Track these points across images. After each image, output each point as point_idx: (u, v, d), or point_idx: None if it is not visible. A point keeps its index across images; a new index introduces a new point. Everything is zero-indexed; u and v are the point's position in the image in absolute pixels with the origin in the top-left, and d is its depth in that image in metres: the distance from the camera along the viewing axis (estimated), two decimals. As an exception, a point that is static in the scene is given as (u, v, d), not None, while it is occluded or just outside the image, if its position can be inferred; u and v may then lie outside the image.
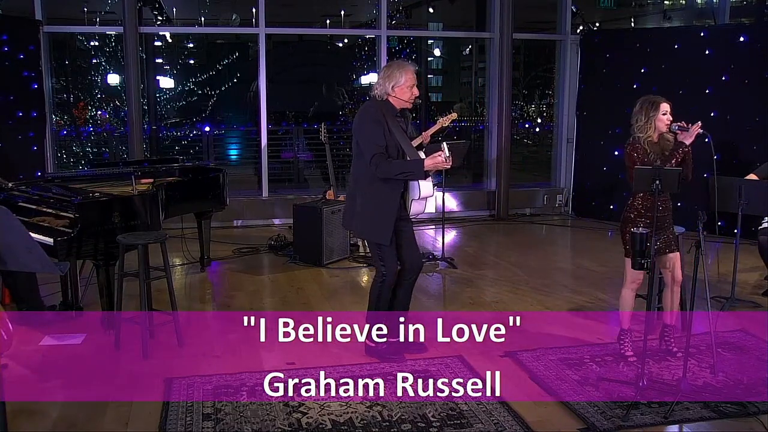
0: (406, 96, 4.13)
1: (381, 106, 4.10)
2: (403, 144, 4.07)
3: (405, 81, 4.10)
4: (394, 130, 4.05)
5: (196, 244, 6.43)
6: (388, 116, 4.07)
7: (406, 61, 4.24)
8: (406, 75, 4.10)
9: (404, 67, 4.12)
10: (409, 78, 4.10)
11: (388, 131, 4.04)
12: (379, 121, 4.04)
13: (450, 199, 9.00)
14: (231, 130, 12.01)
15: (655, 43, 8.40)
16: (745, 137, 7.60)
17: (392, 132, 4.04)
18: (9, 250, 2.70)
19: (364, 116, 4.11)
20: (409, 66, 4.15)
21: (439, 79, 20.89)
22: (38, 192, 4.91)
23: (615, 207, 8.46)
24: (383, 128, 4.03)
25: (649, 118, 4.11)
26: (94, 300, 4.91)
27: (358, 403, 3.62)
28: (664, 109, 4.11)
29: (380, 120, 4.04)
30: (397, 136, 4.05)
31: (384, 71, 4.18)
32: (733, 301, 5.33)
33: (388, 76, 4.10)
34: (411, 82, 4.12)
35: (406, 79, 4.10)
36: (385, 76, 4.13)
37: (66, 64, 11.82)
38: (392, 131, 4.04)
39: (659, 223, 4.03)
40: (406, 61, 4.24)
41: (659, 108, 4.10)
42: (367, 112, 4.13)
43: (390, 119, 4.07)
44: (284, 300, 5.55)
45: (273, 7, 8.72)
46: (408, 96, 4.14)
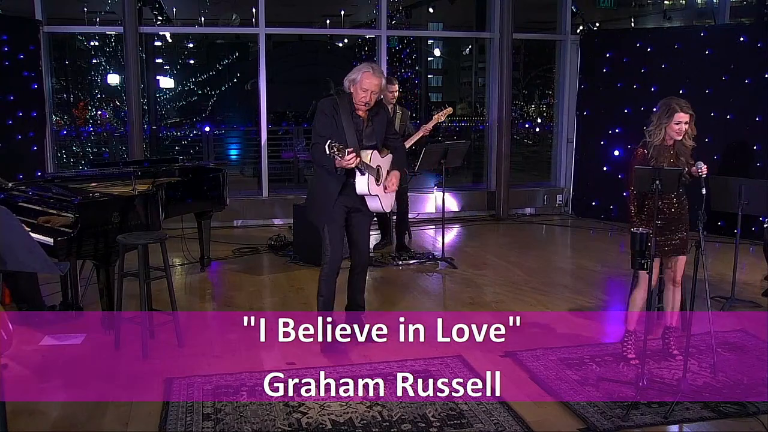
0: (357, 97, 4.16)
1: (343, 99, 4.20)
2: (349, 140, 4.14)
3: (360, 81, 4.12)
4: (344, 124, 4.15)
5: (196, 244, 6.43)
6: (343, 110, 4.17)
7: (376, 68, 4.19)
8: (362, 76, 4.12)
9: (364, 70, 4.13)
10: (363, 80, 4.11)
11: (335, 124, 4.15)
12: (326, 113, 4.18)
13: (450, 199, 9.00)
14: (231, 130, 12.01)
15: (655, 43, 8.39)
16: (745, 137, 7.60)
17: (338, 125, 4.15)
18: (9, 250, 2.70)
19: (319, 106, 4.26)
20: (370, 71, 4.13)
21: (439, 79, 20.88)
22: (38, 192, 4.90)
23: (615, 207, 8.47)
24: (330, 120, 4.16)
25: (661, 124, 4.00)
26: (94, 300, 4.91)
27: (358, 403, 3.62)
28: (679, 119, 3.96)
29: (329, 112, 4.17)
30: (345, 130, 4.15)
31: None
32: (733, 301, 5.33)
33: (353, 71, 4.17)
34: (366, 85, 4.11)
35: (360, 80, 4.12)
36: (353, 70, 4.18)
37: (66, 64, 11.80)
38: (340, 124, 4.15)
39: (670, 225, 4.03)
40: (375, 67, 4.20)
41: (673, 117, 3.96)
42: (323, 102, 4.26)
43: (344, 113, 4.16)
44: (284, 300, 5.55)
45: (273, 7, 8.72)
46: (357, 98, 4.16)
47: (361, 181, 4.21)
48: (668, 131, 4.00)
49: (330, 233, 4.31)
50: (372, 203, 4.37)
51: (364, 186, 4.22)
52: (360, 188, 4.22)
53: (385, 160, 4.39)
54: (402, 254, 6.74)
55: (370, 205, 4.37)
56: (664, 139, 4.03)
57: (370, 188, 4.24)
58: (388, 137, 4.46)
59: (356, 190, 4.23)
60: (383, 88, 4.27)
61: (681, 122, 3.97)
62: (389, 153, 4.44)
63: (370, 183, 4.23)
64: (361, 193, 4.25)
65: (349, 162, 4.01)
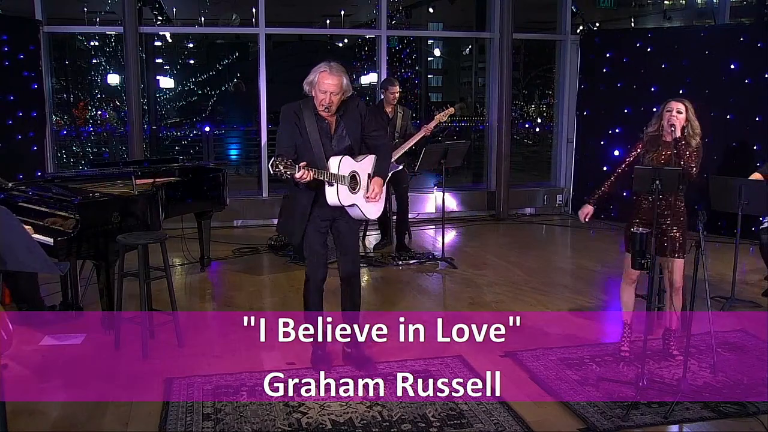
0: (317, 100, 3.80)
1: (308, 103, 3.84)
2: (315, 147, 3.81)
3: (317, 83, 3.75)
4: (308, 129, 3.80)
5: (196, 244, 6.43)
6: (307, 115, 3.81)
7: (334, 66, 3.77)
8: (319, 77, 3.74)
9: (321, 70, 3.75)
10: (321, 81, 3.73)
11: (299, 131, 3.81)
12: (288, 119, 3.82)
13: (450, 199, 9.01)
14: (231, 130, 12.00)
15: (655, 43, 8.39)
16: (745, 137, 7.61)
17: (302, 132, 3.81)
18: (9, 250, 2.70)
19: (281, 113, 3.89)
20: (327, 71, 3.73)
21: (439, 79, 20.89)
22: (38, 192, 4.91)
23: (615, 207, 8.46)
24: (292, 128, 3.81)
25: (658, 114, 4.16)
26: (94, 300, 4.91)
27: (358, 403, 3.62)
28: (670, 107, 4.09)
29: (291, 119, 3.82)
30: (310, 136, 3.80)
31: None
32: (733, 301, 5.33)
33: (310, 72, 3.81)
34: (324, 86, 3.73)
35: (318, 81, 3.75)
36: (311, 70, 3.82)
37: (66, 64, 11.80)
38: (304, 131, 3.81)
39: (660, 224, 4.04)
40: (333, 65, 3.77)
41: (666, 105, 4.12)
42: (284, 109, 3.89)
43: (308, 118, 3.81)
44: (284, 300, 5.55)
45: (273, 7, 8.72)
46: (317, 101, 3.79)
47: (330, 193, 3.84)
48: (663, 121, 4.12)
49: (308, 248, 4.02)
50: (353, 212, 4.02)
51: (333, 197, 3.85)
52: (330, 200, 3.86)
53: (362, 163, 3.99)
54: (402, 254, 6.74)
55: (351, 214, 4.03)
56: (658, 130, 4.15)
57: (342, 199, 3.87)
58: (367, 135, 4.05)
59: (327, 201, 3.88)
60: (345, 87, 3.80)
61: (672, 109, 4.08)
62: (369, 154, 4.06)
63: (340, 193, 3.86)
64: (332, 204, 3.89)
65: (303, 177, 3.63)
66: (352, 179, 3.92)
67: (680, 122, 4.06)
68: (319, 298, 4.08)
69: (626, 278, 4.28)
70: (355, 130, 3.95)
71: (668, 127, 4.08)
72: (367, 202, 4.01)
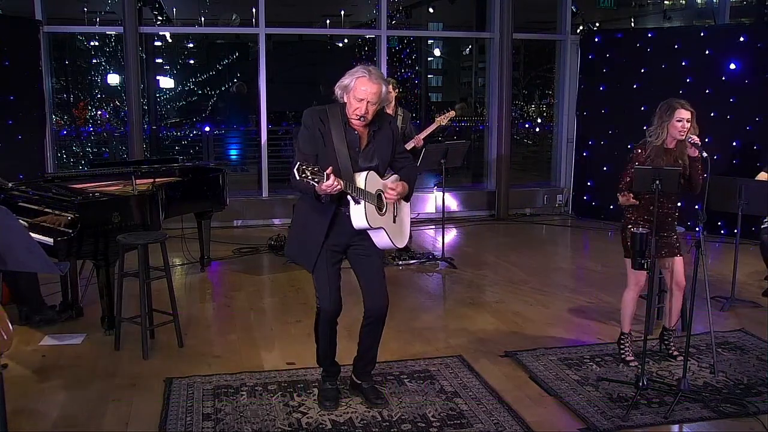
0: (350, 109, 3.29)
1: (335, 109, 3.38)
2: (340, 160, 3.30)
3: (353, 89, 3.27)
4: (334, 140, 3.32)
5: (196, 244, 6.43)
6: (334, 122, 3.34)
7: (374, 71, 3.29)
8: (357, 82, 3.25)
9: (359, 75, 3.26)
10: (358, 88, 3.25)
11: (323, 139, 3.32)
12: (311, 125, 3.33)
13: (450, 199, 9.01)
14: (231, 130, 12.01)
15: (655, 43, 8.40)
16: (745, 137, 7.61)
17: (326, 142, 3.32)
18: (9, 250, 2.70)
19: (303, 117, 3.41)
20: (366, 76, 3.25)
21: (439, 79, 20.92)
22: (38, 192, 4.91)
23: (615, 207, 8.45)
24: (315, 135, 3.32)
25: (663, 123, 3.94)
26: (94, 300, 4.91)
27: (358, 403, 3.62)
28: (680, 116, 3.89)
29: (313, 125, 3.33)
30: (336, 147, 3.32)
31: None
32: (733, 301, 5.33)
33: (345, 76, 3.33)
34: (361, 93, 3.23)
35: (354, 87, 3.26)
36: (346, 74, 3.34)
37: (66, 64, 11.82)
38: (329, 140, 3.33)
39: (664, 225, 4.01)
40: (373, 70, 3.30)
41: (674, 114, 3.90)
42: (307, 113, 3.40)
43: (335, 126, 3.33)
44: (284, 300, 5.55)
45: (273, 7, 8.72)
46: (351, 110, 3.29)
47: (357, 212, 3.29)
48: (670, 130, 3.94)
49: (318, 280, 3.43)
50: (378, 239, 3.43)
51: (361, 218, 3.29)
52: (357, 222, 3.31)
53: (387, 181, 3.48)
54: (402, 254, 6.74)
55: (376, 241, 3.44)
56: (665, 141, 3.98)
57: (370, 220, 3.31)
58: (396, 158, 3.56)
59: (353, 224, 3.33)
60: (384, 95, 3.34)
61: (683, 119, 3.90)
62: (394, 173, 3.58)
63: (368, 214, 3.31)
64: (359, 227, 3.33)
65: (331, 187, 3.08)
66: (378, 199, 3.40)
67: (691, 132, 3.93)
68: (332, 331, 3.53)
69: (634, 286, 4.14)
70: (385, 152, 3.47)
71: (678, 135, 3.91)
72: (393, 221, 3.51)
